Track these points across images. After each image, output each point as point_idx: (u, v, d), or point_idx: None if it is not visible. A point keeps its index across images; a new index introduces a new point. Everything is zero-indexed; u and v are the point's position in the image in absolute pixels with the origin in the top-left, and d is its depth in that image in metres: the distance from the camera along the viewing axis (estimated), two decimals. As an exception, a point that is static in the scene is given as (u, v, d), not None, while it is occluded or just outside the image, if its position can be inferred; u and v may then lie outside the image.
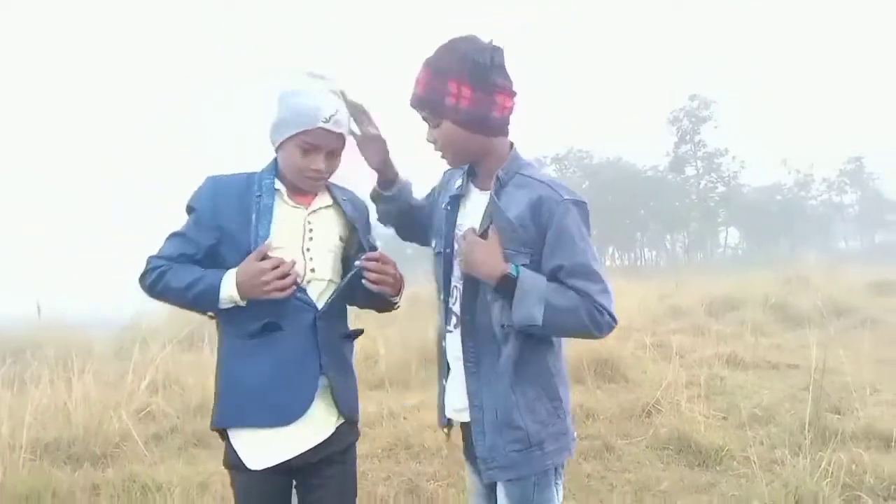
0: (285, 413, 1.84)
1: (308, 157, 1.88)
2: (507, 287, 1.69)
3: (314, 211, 1.97)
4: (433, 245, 1.96)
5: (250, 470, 1.83)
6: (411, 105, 1.83)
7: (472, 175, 1.90)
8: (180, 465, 4.15)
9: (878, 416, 4.74)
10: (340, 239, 2.00)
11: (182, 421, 5.25)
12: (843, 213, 65.79)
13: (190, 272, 1.85)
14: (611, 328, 1.72)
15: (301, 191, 1.96)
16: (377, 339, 7.05)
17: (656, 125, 63.24)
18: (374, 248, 2.05)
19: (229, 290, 1.81)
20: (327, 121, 1.86)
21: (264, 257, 1.81)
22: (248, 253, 1.84)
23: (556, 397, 1.82)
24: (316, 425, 1.89)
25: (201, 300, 1.83)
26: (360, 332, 2.08)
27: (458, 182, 1.90)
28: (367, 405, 5.49)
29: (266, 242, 1.84)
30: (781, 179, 63.51)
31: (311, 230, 1.95)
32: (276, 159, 1.97)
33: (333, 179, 2.01)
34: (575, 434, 1.92)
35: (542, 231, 1.71)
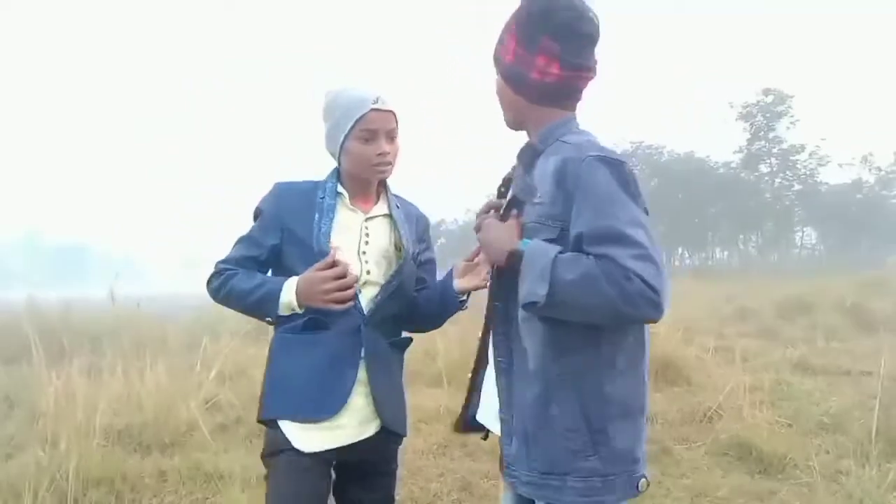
0: (322, 407, 1.87)
1: (371, 144, 1.93)
2: (515, 266, 1.50)
3: (372, 217, 2.03)
4: None
5: (298, 451, 1.86)
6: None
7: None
8: (243, 455, 4.28)
9: (953, 427, 4.53)
10: (396, 247, 2.04)
11: (247, 412, 5.40)
12: (928, 212, 62.75)
13: (252, 278, 1.92)
14: (653, 303, 1.35)
15: (362, 197, 2.03)
16: (436, 336, 7.12)
17: (729, 118, 61.32)
18: (429, 261, 2.14)
19: (289, 295, 1.86)
20: (376, 102, 1.91)
21: (331, 266, 1.84)
22: (310, 249, 1.90)
23: (601, 428, 1.49)
24: (355, 425, 1.91)
25: (261, 306, 1.89)
26: (409, 341, 2.10)
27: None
28: (424, 401, 5.56)
29: (332, 253, 1.87)
30: (863, 177, 60.93)
31: (367, 234, 2.00)
32: (337, 168, 2.03)
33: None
34: (640, 479, 1.54)
35: (570, 199, 1.48)
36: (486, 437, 1.84)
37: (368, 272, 1.97)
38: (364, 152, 1.94)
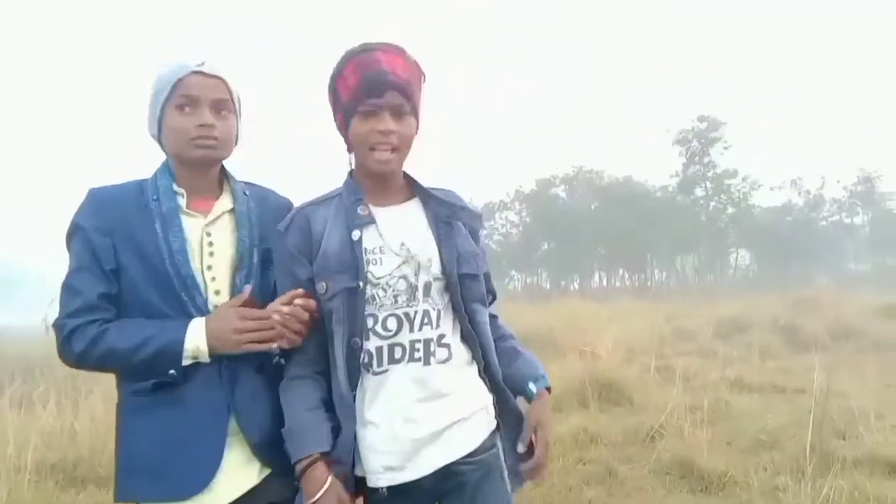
0: (184, 484, 1.56)
1: (190, 114, 1.61)
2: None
3: (214, 220, 1.67)
4: (324, 288, 1.61)
5: None
6: (388, 83, 1.57)
7: (364, 197, 1.67)
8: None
9: (883, 441, 4.71)
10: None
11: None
12: (854, 234, 65.46)
13: (131, 331, 1.55)
14: None
15: (199, 194, 1.68)
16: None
17: (665, 144, 63.09)
18: (269, 260, 1.71)
19: (196, 340, 1.54)
20: (200, 65, 1.62)
21: (250, 305, 1.57)
22: (165, 277, 1.58)
23: None
24: (232, 483, 1.60)
25: (158, 360, 1.54)
26: (272, 365, 1.67)
27: (364, 209, 1.64)
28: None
29: (247, 289, 1.60)
30: (792, 200, 63.32)
31: (210, 244, 1.65)
32: (166, 162, 1.70)
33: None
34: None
35: (475, 236, 1.77)
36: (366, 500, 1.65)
37: (217, 292, 1.63)
38: (181, 123, 1.61)
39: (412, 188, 1.74)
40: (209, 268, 1.63)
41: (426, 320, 1.63)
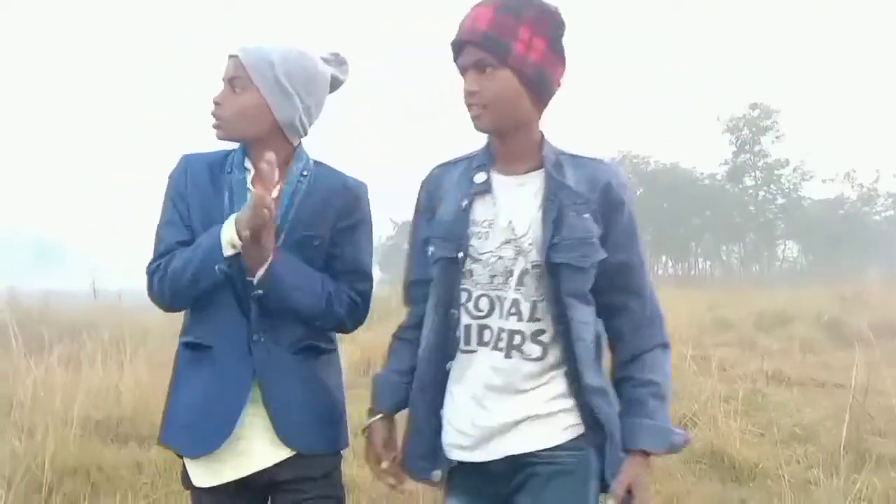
0: (201, 442, 1.62)
1: None
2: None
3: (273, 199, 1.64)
4: (431, 252, 1.58)
5: (200, 489, 1.66)
6: (463, 40, 1.49)
7: (491, 164, 1.58)
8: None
9: (921, 440, 4.63)
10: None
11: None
12: (908, 230, 63.54)
13: (183, 251, 1.64)
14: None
15: None
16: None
17: (715, 132, 61.87)
18: (303, 244, 1.68)
19: (228, 229, 1.56)
20: (233, 49, 1.68)
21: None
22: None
23: None
24: (261, 450, 1.64)
25: (206, 261, 1.58)
26: (318, 349, 1.71)
27: (481, 176, 1.56)
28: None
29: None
30: (845, 193, 61.65)
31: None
32: None
33: None
34: None
35: (602, 220, 1.51)
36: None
37: None
38: None
39: (542, 156, 1.55)
40: None
41: (513, 310, 1.50)
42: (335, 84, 1.80)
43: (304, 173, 1.72)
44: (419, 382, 1.60)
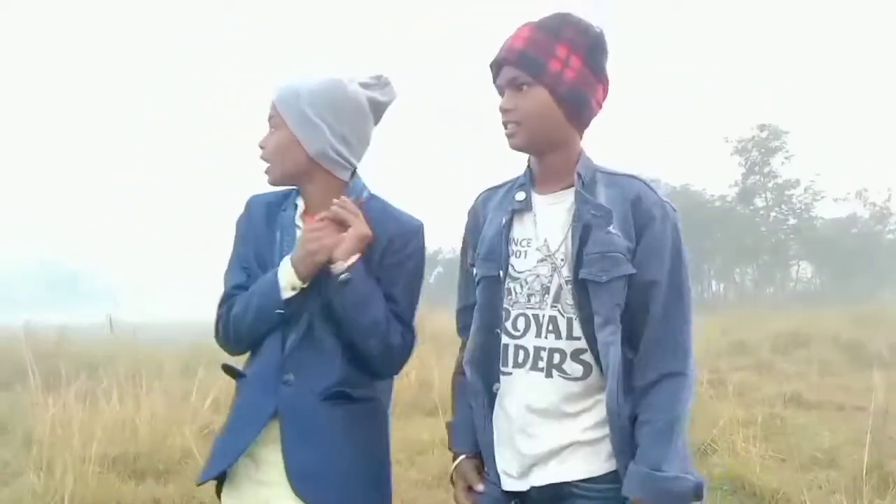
0: (212, 467, 1.62)
1: None
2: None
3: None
4: (475, 272, 1.60)
5: None
6: (499, 61, 1.51)
7: (531, 184, 1.59)
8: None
9: (945, 464, 4.55)
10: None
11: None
12: (923, 248, 62.96)
13: (245, 295, 1.64)
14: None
15: (312, 211, 1.68)
16: (434, 367, 7.15)
17: (724, 152, 61.78)
18: (393, 268, 1.66)
19: (285, 272, 1.56)
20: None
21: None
22: (271, 269, 1.63)
23: None
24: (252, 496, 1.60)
25: (264, 304, 1.58)
26: (343, 394, 1.59)
27: (521, 194, 1.56)
28: (421, 432, 5.56)
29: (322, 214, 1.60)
30: (857, 212, 61.26)
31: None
32: None
33: None
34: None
35: (635, 237, 1.46)
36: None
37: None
38: None
39: (576, 172, 1.53)
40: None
41: (551, 327, 1.47)
42: (378, 108, 1.73)
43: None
44: (477, 405, 1.59)
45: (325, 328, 1.60)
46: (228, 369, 1.69)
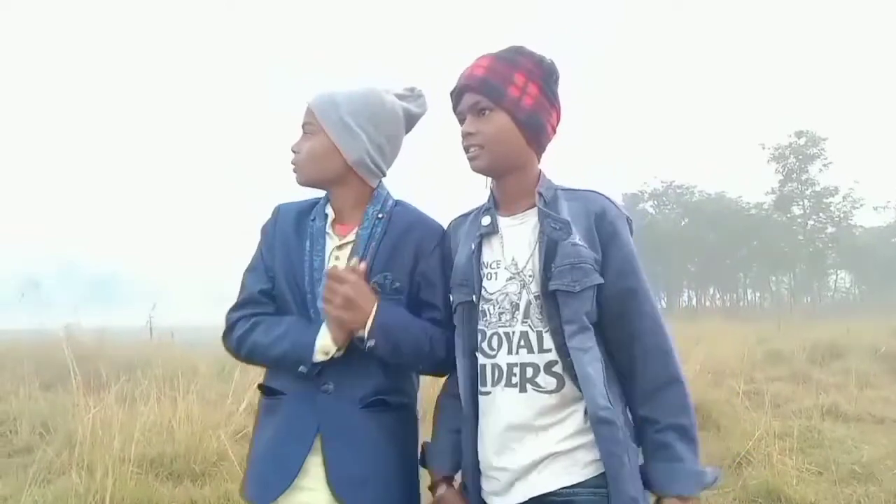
0: (268, 490, 1.61)
1: None
2: None
3: (344, 244, 1.69)
4: (451, 299, 1.67)
5: None
6: (460, 88, 1.61)
7: (496, 208, 1.65)
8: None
9: None
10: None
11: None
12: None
13: (274, 328, 1.64)
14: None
15: (344, 219, 1.72)
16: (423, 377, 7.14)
17: (760, 159, 60.94)
18: (427, 284, 1.70)
19: (325, 338, 1.58)
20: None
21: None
22: (302, 291, 1.66)
23: None
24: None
25: (289, 356, 1.60)
26: (381, 402, 1.63)
27: (486, 219, 1.62)
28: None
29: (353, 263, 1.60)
30: (898, 221, 59.94)
31: (335, 267, 1.64)
32: None
33: None
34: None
35: (600, 247, 1.53)
36: None
37: None
38: None
39: (537, 192, 1.60)
40: None
41: (522, 343, 1.52)
42: (411, 119, 1.79)
43: (380, 215, 1.70)
44: (465, 430, 1.62)
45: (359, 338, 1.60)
46: (269, 391, 1.69)
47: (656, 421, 1.50)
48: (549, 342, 1.50)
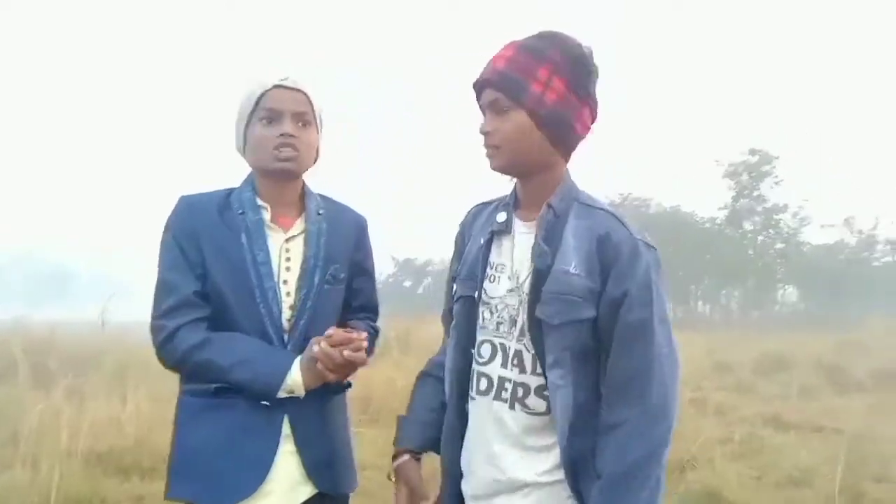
0: (236, 487, 1.57)
1: (273, 126, 1.63)
2: None
3: (293, 236, 1.70)
4: (454, 289, 1.59)
5: None
6: (481, 83, 1.47)
7: (515, 206, 1.54)
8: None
9: (918, 487, 4.66)
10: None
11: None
12: (908, 276, 63.42)
13: (230, 348, 1.59)
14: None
15: (282, 209, 1.71)
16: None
17: (715, 175, 62.19)
18: (362, 272, 1.81)
19: (296, 375, 1.56)
20: (284, 80, 1.64)
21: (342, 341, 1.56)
22: (248, 286, 1.61)
23: None
24: (283, 491, 1.62)
25: (253, 388, 1.57)
26: (347, 386, 1.75)
27: (502, 215, 1.52)
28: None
29: (332, 330, 1.58)
30: (844, 239, 61.76)
31: (288, 259, 1.68)
32: (251, 175, 1.73)
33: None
34: None
35: (605, 274, 1.39)
36: None
37: (291, 307, 1.66)
38: (264, 134, 1.63)
39: (549, 201, 1.47)
40: (285, 282, 1.66)
41: (516, 361, 1.45)
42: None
43: (320, 211, 1.74)
44: (447, 423, 1.57)
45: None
46: (213, 392, 1.61)
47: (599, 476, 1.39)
48: (540, 366, 1.42)
